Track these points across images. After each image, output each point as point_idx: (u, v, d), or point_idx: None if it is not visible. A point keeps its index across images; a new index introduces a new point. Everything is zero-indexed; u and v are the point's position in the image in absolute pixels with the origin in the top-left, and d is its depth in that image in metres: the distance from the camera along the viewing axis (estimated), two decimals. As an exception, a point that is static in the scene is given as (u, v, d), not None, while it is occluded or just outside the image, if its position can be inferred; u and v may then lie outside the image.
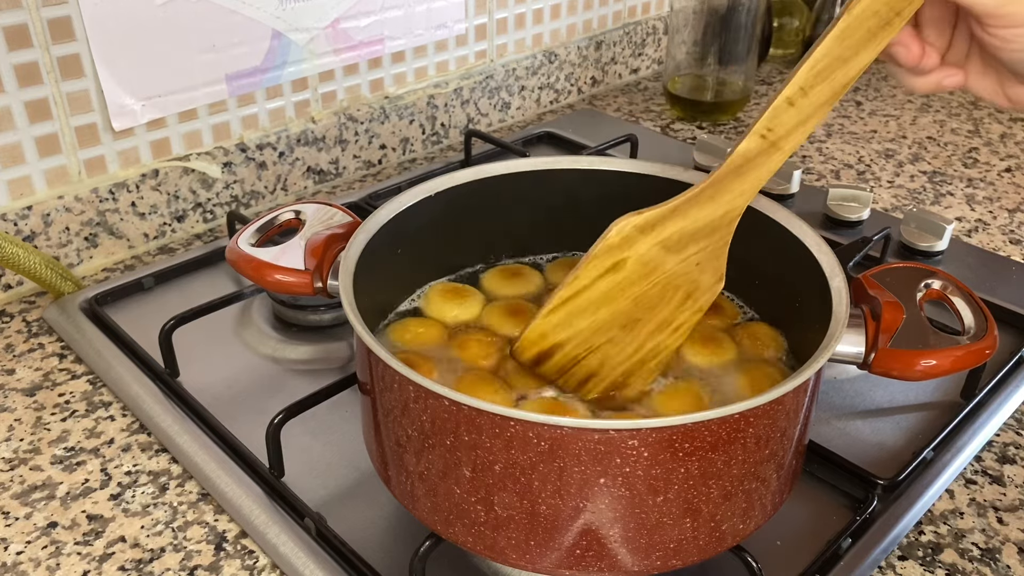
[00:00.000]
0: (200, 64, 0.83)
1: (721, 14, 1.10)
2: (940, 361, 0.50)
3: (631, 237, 0.51)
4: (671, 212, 0.51)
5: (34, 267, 0.74)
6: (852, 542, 0.55)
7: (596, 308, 0.53)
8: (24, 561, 0.55)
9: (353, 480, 0.60)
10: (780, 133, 0.48)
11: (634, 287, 0.52)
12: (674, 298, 0.53)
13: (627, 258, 0.52)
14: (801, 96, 0.47)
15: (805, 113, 0.48)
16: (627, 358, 0.54)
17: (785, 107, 0.47)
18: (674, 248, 0.52)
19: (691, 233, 0.51)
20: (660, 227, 0.51)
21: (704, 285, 0.53)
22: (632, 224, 0.51)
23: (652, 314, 0.53)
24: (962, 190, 1.00)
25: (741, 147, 0.49)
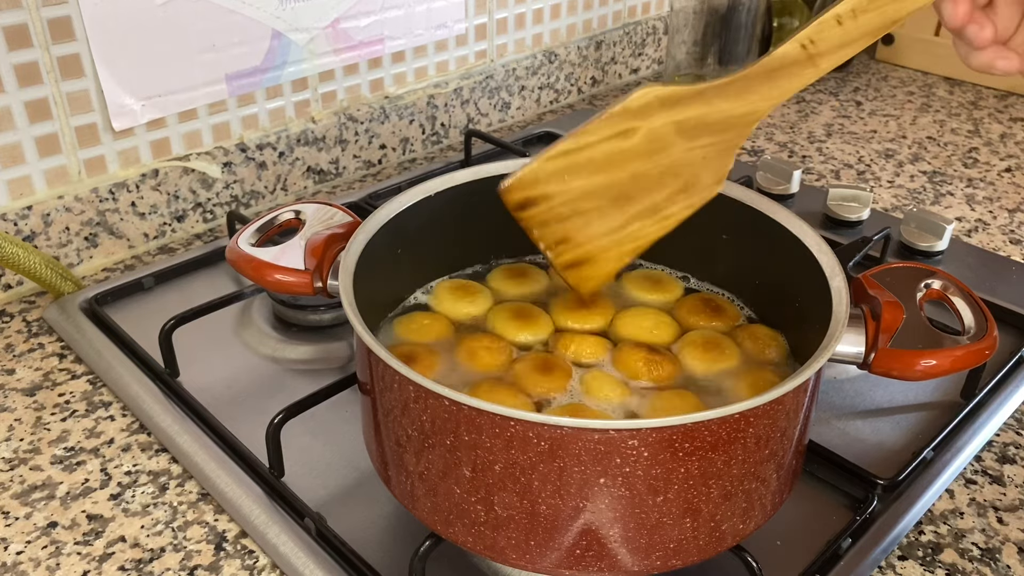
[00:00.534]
0: (200, 64, 0.83)
1: (721, 14, 1.10)
2: (940, 361, 0.50)
3: (650, 106, 0.50)
4: (696, 94, 0.50)
5: (34, 267, 0.74)
6: (852, 542, 0.55)
7: (594, 171, 0.52)
8: (24, 561, 0.55)
9: (353, 480, 0.60)
10: (821, 48, 0.48)
11: (637, 161, 0.51)
12: (671, 185, 0.52)
13: (640, 127, 0.51)
14: (851, 18, 0.47)
15: (850, 36, 0.47)
16: (607, 233, 0.53)
17: (833, 23, 0.47)
18: (687, 133, 0.51)
19: (708, 123, 0.50)
20: (681, 106, 0.50)
21: (703, 182, 0.52)
22: (656, 94, 0.50)
23: (645, 195, 0.52)
24: (962, 190, 1.00)
25: (779, 51, 0.49)
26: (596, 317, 0.60)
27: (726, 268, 0.63)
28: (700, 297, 0.63)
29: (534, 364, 0.55)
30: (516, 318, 0.59)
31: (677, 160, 0.51)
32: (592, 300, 0.61)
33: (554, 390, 0.54)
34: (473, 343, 0.57)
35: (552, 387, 0.54)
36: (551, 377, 0.54)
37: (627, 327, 0.59)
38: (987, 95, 1.25)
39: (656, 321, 0.60)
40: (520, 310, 0.60)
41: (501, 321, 0.59)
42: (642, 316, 0.60)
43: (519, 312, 0.60)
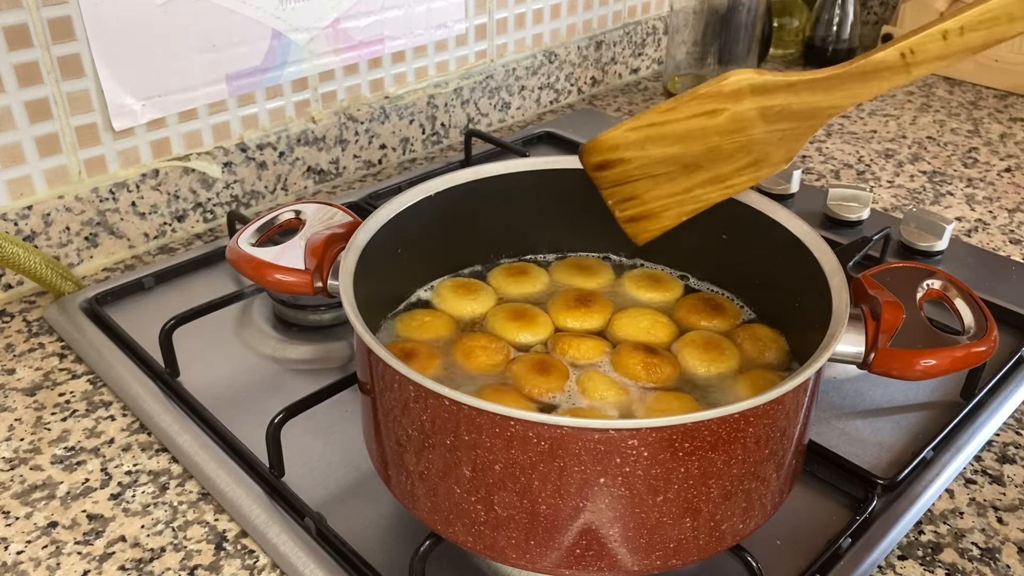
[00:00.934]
0: (200, 64, 0.83)
1: (721, 14, 1.10)
2: (940, 361, 0.50)
3: (741, 92, 0.52)
4: (788, 86, 0.52)
5: (34, 267, 0.74)
6: (852, 542, 0.55)
7: (674, 142, 0.54)
8: (24, 561, 0.55)
9: (353, 480, 0.60)
10: (919, 59, 0.49)
11: (715, 137, 0.54)
12: (742, 160, 0.54)
13: (727, 109, 0.53)
14: (957, 34, 0.48)
15: (951, 50, 0.48)
16: (672, 194, 0.56)
17: (938, 38, 0.48)
18: (770, 118, 0.53)
19: (792, 111, 0.52)
20: (770, 95, 0.52)
21: (773, 159, 0.54)
22: (749, 81, 0.52)
23: (715, 166, 0.55)
24: (962, 190, 1.00)
25: (877, 56, 0.50)
26: (594, 316, 0.60)
27: (726, 268, 0.63)
28: (700, 296, 0.63)
29: (531, 364, 0.55)
30: (515, 319, 0.59)
31: (754, 139, 0.53)
32: (590, 300, 0.61)
33: (552, 390, 0.54)
34: (470, 342, 0.57)
35: (550, 387, 0.54)
36: (549, 377, 0.54)
37: (625, 327, 0.59)
38: (987, 95, 1.25)
39: (653, 321, 0.60)
40: (519, 311, 0.60)
41: (500, 321, 0.59)
42: (640, 316, 0.60)
43: (518, 313, 0.60)
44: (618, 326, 0.60)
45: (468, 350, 0.56)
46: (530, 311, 0.60)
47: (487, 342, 0.57)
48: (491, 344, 0.57)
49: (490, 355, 0.56)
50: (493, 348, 0.57)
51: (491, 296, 0.62)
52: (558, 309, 0.61)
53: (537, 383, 0.54)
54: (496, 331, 0.59)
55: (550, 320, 0.60)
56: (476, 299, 0.61)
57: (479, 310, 0.61)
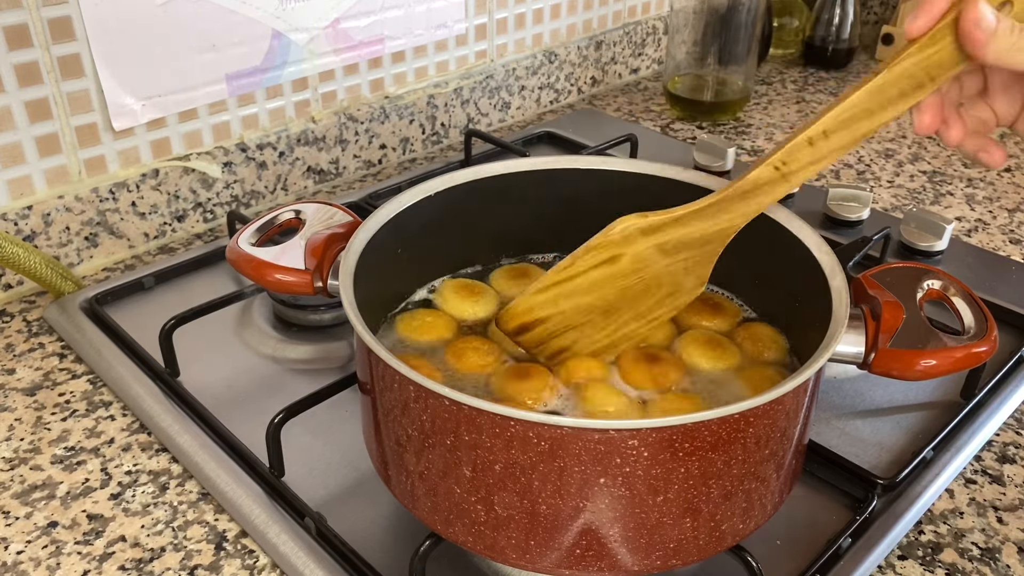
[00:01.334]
0: (200, 64, 0.83)
1: (721, 14, 1.10)
2: (940, 361, 0.50)
3: (632, 237, 0.54)
4: (674, 221, 0.54)
5: (34, 267, 0.74)
6: (852, 542, 0.55)
7: (583, 293, 0.56)
8: (24, 561, 0.55)
9: (353, 480, 0.60)
10: (793, 168, 0.50)
11: (623, 280, 0.55)
12: (657, 294, 0.56)
13: (623, 254, 0.54)
14: (822, 139, 0.49)
15: (820, 154, 0.50)
16: (601, 339, 0.57)
17: (804, 145, 0.49)
18: (669, 252, 0.54)
19: (687, 241, 0.54)
20: (661, 232, 0.54)
21: (686, 287, 0.56)
22: (636, 226, 0.54)
23: (633, 304, 0.56)
24: (962, 190, 1.00)
25: (753, 175, 0.51)
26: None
27: (726, 267, 0.63)
28: (700, 296, 0.63)
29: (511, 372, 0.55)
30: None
31: (660, 273, 0.55)
32: None
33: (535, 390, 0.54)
34: (462, 345, 0.57)
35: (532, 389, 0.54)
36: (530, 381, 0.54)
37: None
38: (987, 95, 1.25)
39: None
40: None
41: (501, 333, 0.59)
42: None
43: None
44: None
45: (459, 352, 0.57)
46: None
47: (478, 344, 0.57)
48: (483, 346, 0.57)
49: (481, 356, 0.56)
50: (484, 350, 0.57)
51: (493, 298, 0.62)
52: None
53: (518, 388, 0.54)
54: (497, 340, 0.59)
55: None
56: (478, 301, 0.61)
57: (481, 312, 0.61)
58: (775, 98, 1.25)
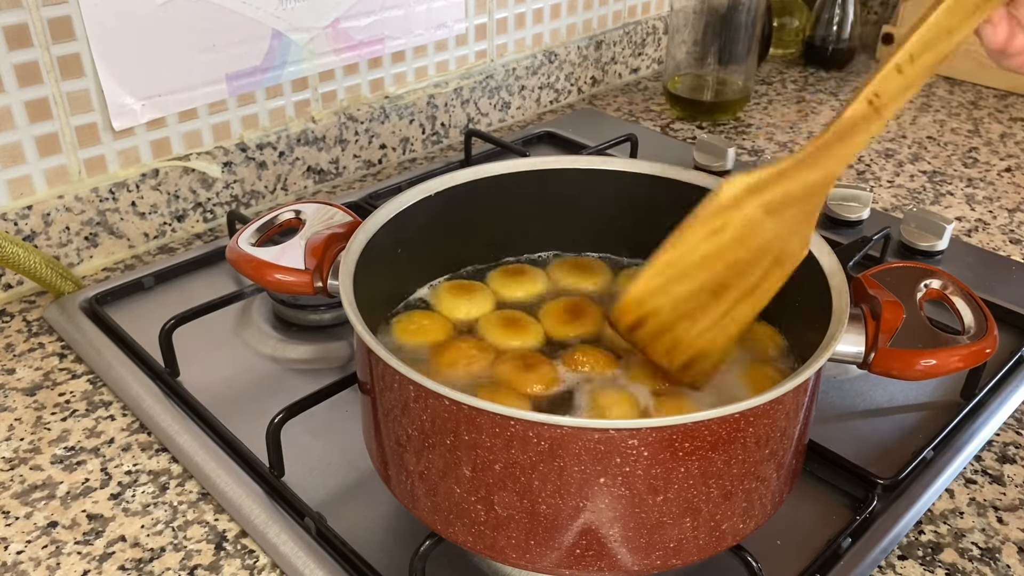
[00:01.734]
0: (200, 64, 0.83)
1: (721, 14, 1.10)
2: (940, 361, 0.50)
3: (740, 197, 0.51)
4: (779, 175, 0.51)
5: (34, 267, 0.74)
6: (852, 541, 0.55)
7: (694, 273, 0.52)
8: (24, 560, 0.55)
9: (353, 480, 0.60)
10: (885, 100, 0.49)
11: (732, 251, 0.52)
12: (763, 263, 0.53)
13: (732, 219, 0.51)
14: (908, 64, 0.48)
15: (909, 79, 0.49)
16: (713, 324, 0.54)
17: (894, 74, 0.48)
18: (774, 211, 0.52)
19: (792, 196, 0.51)
20: (767, 189, 0.51)
21: (791, 251, 0.53)
22: (744, 184, 0.51)
23: (742, 279, 0.53)
24: (962, 190, 1.00)
25: (848, 113, 0.49)
26: (587, 324, 0.60)
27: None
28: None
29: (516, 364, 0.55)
30: (505, 326, 0.59)
31: (767, 238, 0.52)
32: (582, 310, 0.61)
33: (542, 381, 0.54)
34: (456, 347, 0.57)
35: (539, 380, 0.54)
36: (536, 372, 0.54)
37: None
38: (987, 95, 1.25)
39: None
40: (509, 319, 0.60)
41: (490, 329, 0.59)
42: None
43: (508, 321, 0.59)
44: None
45: (452, 359, 0.56)
46: (521, 318, 0.60)
47: (471, 344, 0.57)
48: (474, 348, 0.57)
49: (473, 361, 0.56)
50: (475, 354, 0.56)
51: (489, 298, 0.62)
52: (549, 318, 0.61)
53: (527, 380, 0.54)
54: (489, 339, 0.58)
55: (541, 328, 0.60)
56: (472, 301, 0.61)
57: (475, 312, 0.61)
58: (775, 98, 1.25)
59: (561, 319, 0.60)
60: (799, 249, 0.53)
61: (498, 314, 0.60)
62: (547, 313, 0.61)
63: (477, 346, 0.57)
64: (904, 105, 0.50)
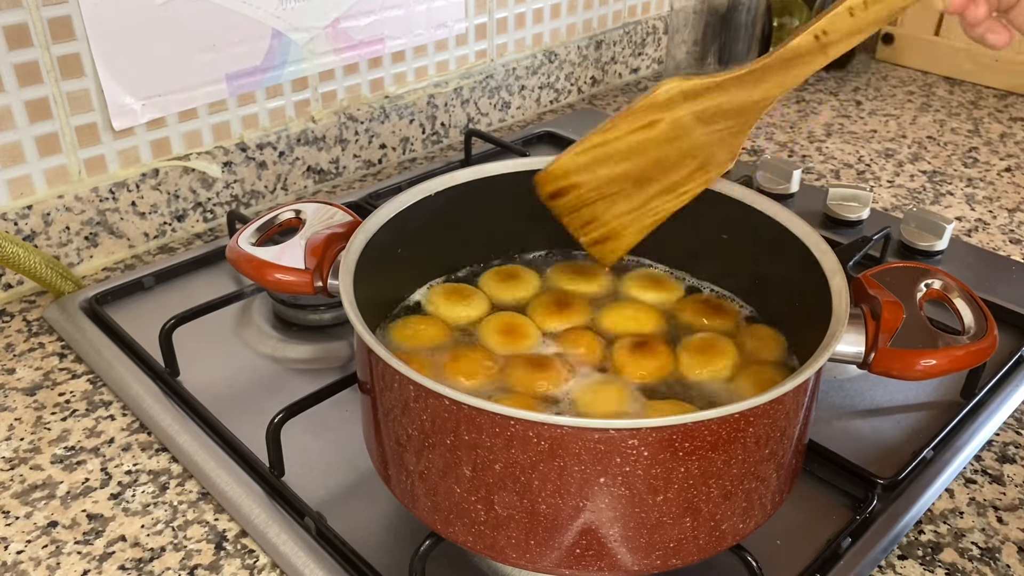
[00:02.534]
0: (200, 64, 0.83)
1: (721, 14, 1.10)
2: (940, 361, 0.50)
3: (674, 100, 0.55)
4: (715, 86, 0.54)
5: (34, 266, 0.74)
6: (852, 541, 0.55)
7: (619, 160, 0.57)
8: (24, 560, 0.55)
9: (353, 479, 0.60)
10: (833, 38, 0.51)
11: (659, 148, 0.56)
12: (689, 165, 0.57)
13: (663, 119, 0.55)
14: (861, 9, 0.50)
15: (859, 25, 0.51)
16: (630, 210, 0.59)
17: (845, 15, 0.50)
18: (706, 120, 0.55)
19: (725, 109, 0.55)
20: (702, 98, 0.54)
21: (717, 159, 0.56)
22: (680, 88, 0.54)
23: (665, 176, 0.57)
24: (962, 190, 1.00)
25: (793, 43, 0.52)
26: (575, 317, 0.60)
27: (726, 268, 0.63)
28: (700, 298, 0.63)
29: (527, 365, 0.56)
30: (503, 333, 0.59)
31: (695, 143, 0.56)
32: (569, 303, 0.61)
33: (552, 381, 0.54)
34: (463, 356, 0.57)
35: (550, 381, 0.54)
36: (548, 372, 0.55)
37: (608, 319, 0.60)
38: (987, 95, 1.25)
39: (636, 309, 0.61)
40: (507, 325, 0.60)
41: (489, 334, 0.59)
42: (622, 307, 0.61)
43: (507, 328, 0.59)
44: (602, 319, 0.61)
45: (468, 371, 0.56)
46: (520, 323, 0.60)
47: (479, 356, 0.57)
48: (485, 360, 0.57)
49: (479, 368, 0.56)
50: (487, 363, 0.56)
51: (483, 300, 0.62)
52: (538, 313, 0.61)
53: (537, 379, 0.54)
54: (489, 346, 0.58)
55: (537, 329, 0.60)
56: (469, 304, 0.61)
57: (472, 315, 0.61)
58: (775, 98, 1.25)
59: (550, 311, 0.61)
60: (726, 159, 0.57)
61: (496, 320, 0.60)
62: (535, 309, 0.61)
63: (489, 356, 0.57)
64: (848, 48, 0.52)
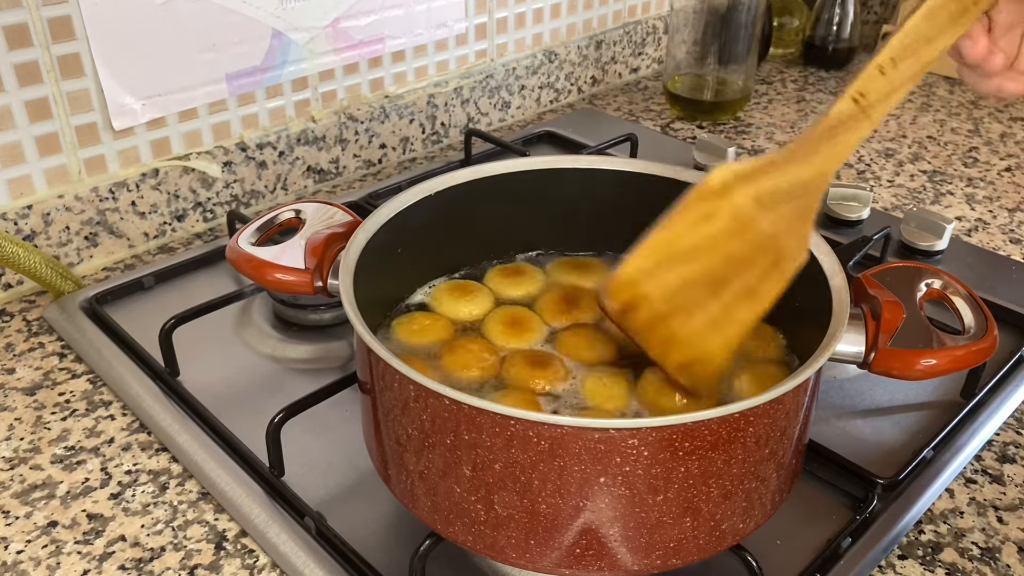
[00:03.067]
0: (200, 63, 0.83)
1: (721, 13, 1.10)
2: (940, 360, 0.50)
3: (729, 184, 0.51)
4: (768, 165, 0.51)
5: (34, 266, 0.74)
6: (852, 541, 0.55)
7: (685, 260, 0.52)
8: (24, 560, 0.55)
9: (353, 479, 0.60)
10: (871, 100, 0.50)
11: (726, 243, 0.52)
12: (761, 262, 0.52)
13: (721, 207, 0.51)
14: (891, 67, 0.49)
15: (894, 83, 0.49)
16: (709, 323, 0.52)
17: (876, 74, 0.49)
18: (767, 205, 0.51)
19: (784, 191, 0.51)
20: (756, 179, 0.51)
21: (789, 251, 0.52)
22: (732, 171, 0.51)
23: (738, 276, 0.52)
24: (962, 189, 1.00)
25: (835, 109, 0.50)
26: (583, 311, 0.60)
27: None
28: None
29: (527, 361, 0.56)
30: (508, 325, 0.59)
31: (762, 233, 0.51)
32: (577, 298, 0.61)
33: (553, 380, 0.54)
34: (461, 346, 0.57)
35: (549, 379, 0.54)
36: (547, 370, 0.55)
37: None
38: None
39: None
40: (512, 317, 0.60)
41: (493, 328, 0.59)
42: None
43: (512, 320, 0.59)
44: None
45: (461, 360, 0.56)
46: (526, 316, 0.60)
47: (478, 345, 0.57)
48: (482, 348, 0.57)
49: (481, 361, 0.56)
50: (485, 352, 0.56)
51: (488, 297, 0.62)
52: (545, 309, 0.61)
53: (537, 377, 0.54)
54: (492, 338, 0.58)
55: (544, 323, 0.60)
56: (473, 301, 0.61)
57: (476, 312, 0.61)
58: (775, 98, 1.25)
59: (558, 308, 0.61)
60: (797, 251, 0.52)
61: (502, 312, 0.60)
62: (543, 305, 0.61)
63: (487, 348, 0.57)
64: (891, 109, 0.50)
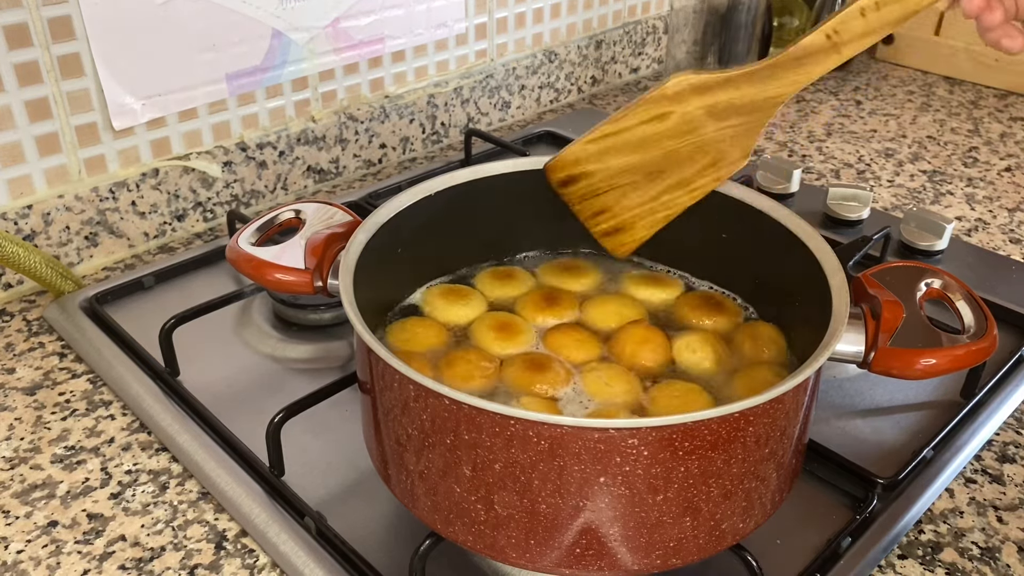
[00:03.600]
0: (200, 63, 0.83)
1: (721, 13, 1.10)
2: (940, 360, 0.50)
3: (684, 94, 0.55)
4: (725, 81, 0.54)
5: (34, 266, 0.74)
6: (852, 541, 0.55)
7: (630, 151, 0.57)
8: (24, 560, 0.55)
9: (353, 479, 0.60)
10: (844, 38, 0.51)
11: (670, 141, 0.57)
12: (701, 161, 0.57)
13: (674, 112, 0.56)
14: (873, 10, 0.50)
15: (871, 26, 0.51)
16: (641, 203, 0.60)
17: (857, 15, 0.51)
18: (717, 115, 0.55)
19: (737, 106, 0.55)
20: (712, 92, 0.55)
21: (730, 157, 0.57)
22: (689, 82, 0.55)
23: (677, 170, 0.58)
24: (962, 189, 1.00)
25: (805, 41, 0.52)
26: (564, 312, 0.61)
27: (726, 267, 0.63)
28: (700, 294, 0.63)
29: (525, 365, 0.55)
30: (498, 331, 0.59)
31: (707, 139, 0.56)
32: (557, 298, 0.62)
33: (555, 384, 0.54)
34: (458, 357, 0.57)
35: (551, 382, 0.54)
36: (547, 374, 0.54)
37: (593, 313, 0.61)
38: (987, 95, 1.25)
39: (620, 304, 0.61)
40: (501, 323, 0.60)
41: (483, 335, 0.59)
42: (606, 302, 0.62)
43: (501, 325, 0.59)
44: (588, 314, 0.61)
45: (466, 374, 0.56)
46: (514, 321, 0.60)
47: (474, 356, 0.57)
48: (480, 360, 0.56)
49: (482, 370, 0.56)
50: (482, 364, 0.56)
51: (481, 300, 0.62)
52: (527, 308, 0.61)
53: (537, 380, 0.54)
54: (482, 345, 0.58)
55: (532, 327, 0.60)
56: (467, 304, 0.61)
57: (470, 315, 0.61)
58: (775, 98, 1.25)
59: (538, 306, 0.61)
60: (738, 157, 0.57)
61: (489, 318, 0.60)
62: (522, 306, 0.62)
63: (484, 356, 0.57)
64: (863, 49, 0.52)
